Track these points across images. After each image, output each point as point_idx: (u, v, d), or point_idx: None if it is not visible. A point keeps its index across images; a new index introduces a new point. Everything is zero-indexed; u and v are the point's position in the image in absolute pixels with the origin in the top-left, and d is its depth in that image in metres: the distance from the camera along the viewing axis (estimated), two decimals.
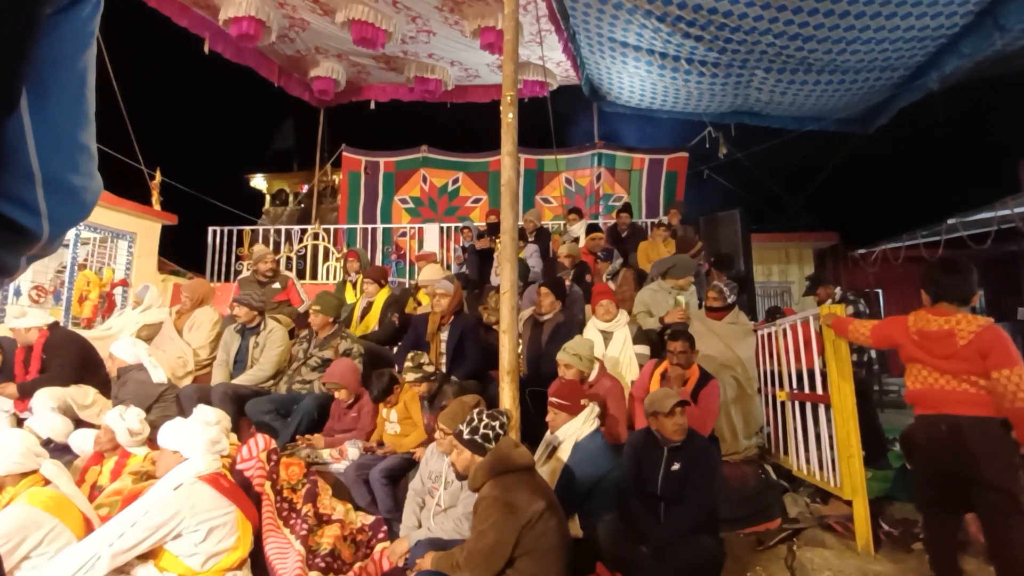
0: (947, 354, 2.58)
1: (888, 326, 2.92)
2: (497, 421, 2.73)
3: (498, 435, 2.69)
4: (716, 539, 3.09)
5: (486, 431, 2.68)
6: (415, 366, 3.85)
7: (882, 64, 6.40)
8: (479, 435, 2.68)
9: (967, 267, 2.67)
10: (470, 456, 2.68)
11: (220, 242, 8.68)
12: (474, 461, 2.65)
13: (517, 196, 3.76)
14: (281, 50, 8.82)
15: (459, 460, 2.73)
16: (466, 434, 2.70)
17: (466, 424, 2.74)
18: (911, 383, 2.75)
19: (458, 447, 2.74)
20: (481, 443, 2.66)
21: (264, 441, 3.30)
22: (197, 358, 4.85)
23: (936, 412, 2.62)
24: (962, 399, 2.54)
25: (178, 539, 2.63)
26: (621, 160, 10.17)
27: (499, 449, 2.61)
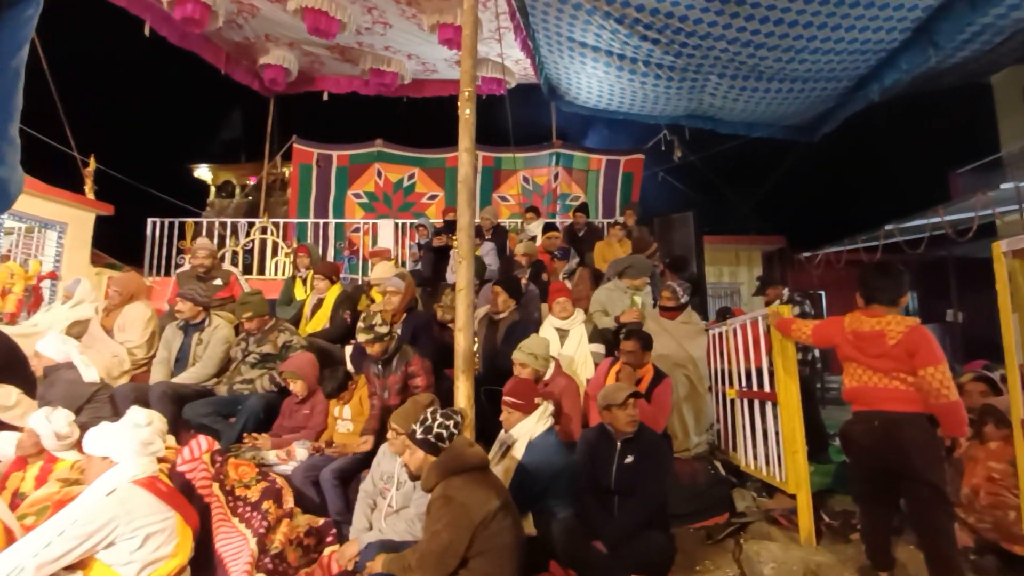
0: (878, 353, 2.70)
1: (826, 327, 3.05)
2: (451, 420, 2.69)
3: (452, 434, 2.65)
4: (667, 534, 3.15)
5: (440, 430, 2.64)
6: (367, 327, 3.78)
7: (827, 74, 6.66)
8: (432, 434, 2.63)
9: (898, 271, 2.80)
10: (423, 456, 2.64)
11: (160, 234, 8.25)
12: (427, 461, 2.61)
13: (474, 193, 3.71)
14: (229, 36, 8.47)
15: (412, 460, 2.68)
16: (419, 433, 2.65)
17: (419, 423, 2.69)
18: (848, 381, 2.88)
19: (411, 447, 2.68)
20: (435, 443, 2.62)
21: (207, 442, 3.16)
22: (134, 357, 4.58)
23: (870, 408, 2.75)
24: (893, 396, 2.66)
25: (111, 548, 2.47)
26: (579, 160, 10.26)
27: (453, 448, 2.57)
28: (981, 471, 3.08)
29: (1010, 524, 2.85)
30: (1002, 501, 2.94)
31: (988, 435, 3.17)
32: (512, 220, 9.02)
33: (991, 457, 3.09)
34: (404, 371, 3.84)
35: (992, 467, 3.05)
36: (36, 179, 6.16)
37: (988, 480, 3.04)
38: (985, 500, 3.00)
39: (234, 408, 4.11)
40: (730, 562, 3.25)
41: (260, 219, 8.86)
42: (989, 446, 3.15)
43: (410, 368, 3.84)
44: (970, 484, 3.10)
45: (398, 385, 3.82)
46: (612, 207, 9.99)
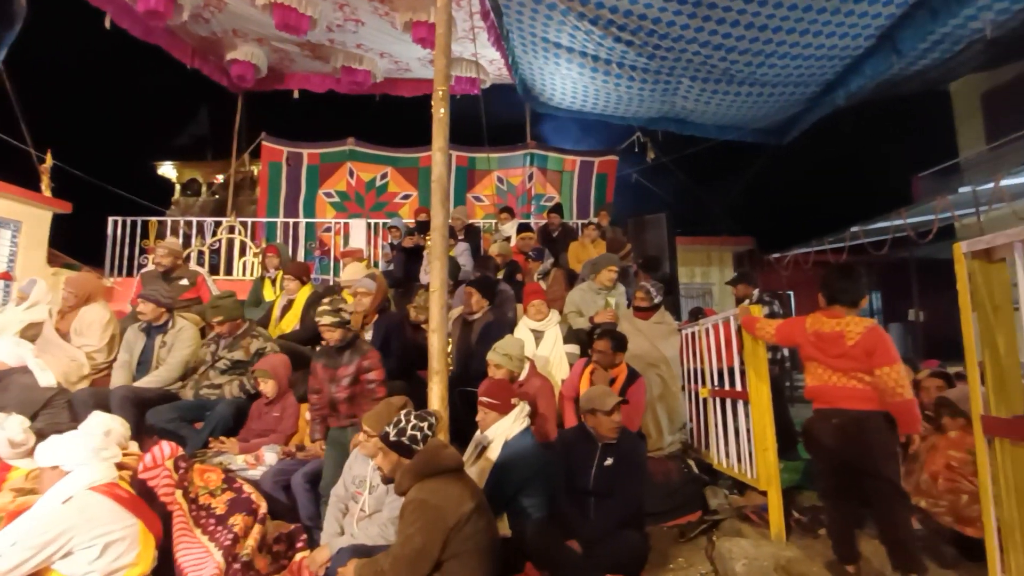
0: (838, 353, 2.81)
1: (789, 327, 3.15)
2: (425, 422, 2.66)
3: (426, 436, 2.61)
4: (641, 533, 3.18)
5: (414, 432, 2.60)
6: (333, 309, 3.58)
7: (796, 79, 6.82)
8: (406, 437, 2.59)
9: (858, 273, 2.92)
10: (397, 459, 2.59)
11: (122, 234, 7.98)
12: (401, 464, 2.56)
13: (448, 193, 3.68)
14: (195, 30, 8.24)
15: (385, 463, 2.63)
16: (392, 436, 2.61)
17: (392, 426, 2.64)
18: (809, 380, 2.99)
19: (384, 450, 2.63)
20: (408, 445, 2.58)
21: (170, 448, 3.07)
22: (93, 361, 4.41)
23: (830, 407, 2.85)
24: (851, 394, 2.77)
25: (68, 557, 2.39)
26: (553, 161, 10.28)
27: (427, 451, 2.53)
28: (941, 459, 3.22)
29: (962, 507, 2.98)
30: (958, 487, 3.07)
31: (946, 425, 3.34)
32: (487, 220, 8.99)
33: (951, 446, 3.24)
34: (358, 364, 3.59)
35: (951, 455, 3.20)
36: None
37: (947, 467, 3.17)
38: (943, 486, 3.13)
39: (200, 413, 4.00)
40: (703, 559, 3.28)
41: (227, 218, 8.65)
42: (949, 435, 3.29)
43: (365, 361, 3.60)
44: (930, 471, 3.23)
45: (348, 378, 3.58)
46: (586, 208, 10.04)
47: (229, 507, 2.97)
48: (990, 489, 2.11)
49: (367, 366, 3.60)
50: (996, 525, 2.09)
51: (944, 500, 3.09)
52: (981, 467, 2.16)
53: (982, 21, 5.38)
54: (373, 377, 3.60)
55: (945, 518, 3.05)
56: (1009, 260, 2.08)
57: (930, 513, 3.13)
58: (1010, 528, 2.02)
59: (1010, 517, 2.01)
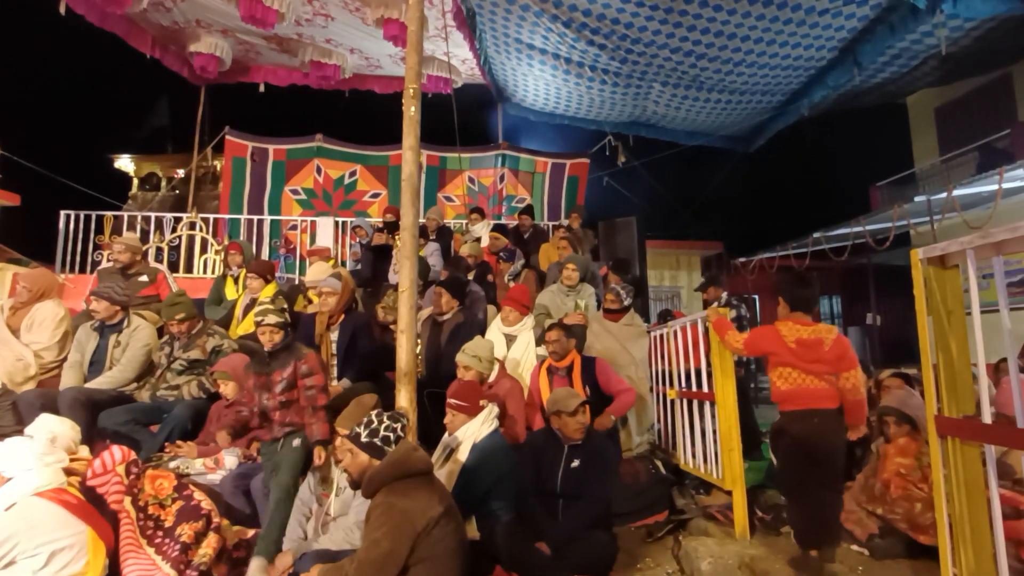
0: (815, 359, 3.06)
1: (759, 338, 3.28)
2: (398, 423, 2.57)
3: (398, 437, 2.53)
4: (609, 534, 3.20)
5: (386, 433, 2.51)
6: (277, 309, 3.32)
7: (763, 87, 6.99)
8: (378, 438, 2.50)
9: (816, 281, 3.21)
10: (367, 460, 2.48)
11: (75, 228, 7.66)
12: (371, 465, 2.46)
13: (418, 192, 3.64)
14: (155, 19, 7.95)
15: (354, 464, 2.51)
16: (364, 436, 2.50)
17: (363, 426, 2.53)
18: (781, 384, 3.14)
19: (353, 450, 2.51)
20: (380, 446, 2.48)
21: (121, 453, 2.92)
22: (41, 360, 4.20)
23: (808, 407, 3.05)
24: (824, 395, 3.05)
25: (11, 567, 2.29)
26: (524, 162, 10.29)
27: (396, 453, 2.45)
28: (891, 466, 3.30)
29: (917, 515, 3.07)
30: (910, 494, 3.16)
31: (893, 434, 3.43)
32: (457, 221, 8.93)
33: (899, 453, 3.32)
34: (294, 367, 3.30)
35: (900, 463, 3.28)
36: None
37: (897, 475, 3.25)
38: (895, 493, 3.21)
39: (157, 416, 3.85)
40: (670, 559, 3.31)
41: (188, 214, 8.37)
42: (897, 442, 3.38)
43: (303, 365, 3.30)
44: (882, 479, 3.31)
45: (283, 383, 3.29)
46: (557, 210, 10.07)
47: (177, 517, 2.85)
48: (943, 487, 2.19)
49: (305, 370, 3.30)
50: (948, 521, 2.17)
51: (899, 508, 3.17)
52: (935, 465, 2.23)
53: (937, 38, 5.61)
54: (312, 383, 3.28)
55: (901, 525, 3.13)
56: (962, 267, 2.16)
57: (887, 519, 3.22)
58: (960, 523, 2.09)
59: (960, 513, 2.09)
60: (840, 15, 5.49)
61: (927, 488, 3.04)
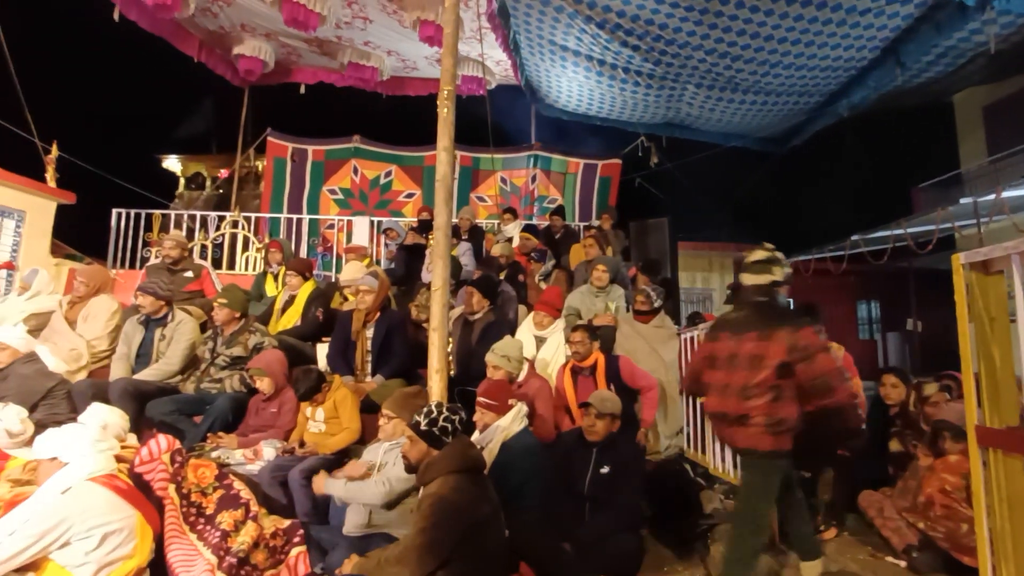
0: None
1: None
2: (456, 416, 2.65)
3: (456, 429, 2.61)
4: (637, 537, 3.20)
5: (445, 424, 2.58)
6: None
7: (800, 89, 6.84)
8: (438, 428, 2.57)
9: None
10: (426, 448, 2.57)
11: (125, 226, 7.99)
12: (429, 454, 2.55)
13: (452, 192, 3.70)
14: (203, 24, 8.25)
15: (413, 451, 2.60)
16: (424, 425, 2.59)
17: (423, 415, 2.62)
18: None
19: (413, 438, 2.61)
20: (439, 436, 2.56)
21: (167, 442, 3.05)
22: (93, 351, 4.43)
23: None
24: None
25: (66, 548, 2.40)
26: (557, 163, 10.30)
27: (454, 447, 2.53)
28: (936, 482, 3.20)
29: (961, 536, 2.97)
30: (955, 513, 3.07)
31: (947, 449, 3.29)
32: (489, 221, 9.01)
33: (948, 470, 3.21)
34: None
35: (946, 479, 3.17)
36: None
37: (941, 492, 3.15)
38: (939, 511, 3.12)
39: (200, 407, 4.01)
40: (697, 563, 3.30)
41: (231, 213, 8.64)
42: (948, 459, 3.25)
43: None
44: (926, 493, 3.22)
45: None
46: (588, 211, 10.05)
47: (218, 505, 2.98)
48: (983, 499, 2.13)
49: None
50: (988, 536, 2.11)
51: (941, 526, 3.08)
52: (975, 477, 2.18)
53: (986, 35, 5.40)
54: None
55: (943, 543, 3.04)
56: (1007, 272, 2.10)
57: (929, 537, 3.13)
58: (1002, 539, 2.04)
59: (1002, 527, 2.04)
60: (883, 14, 5.32)
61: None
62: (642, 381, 4.07)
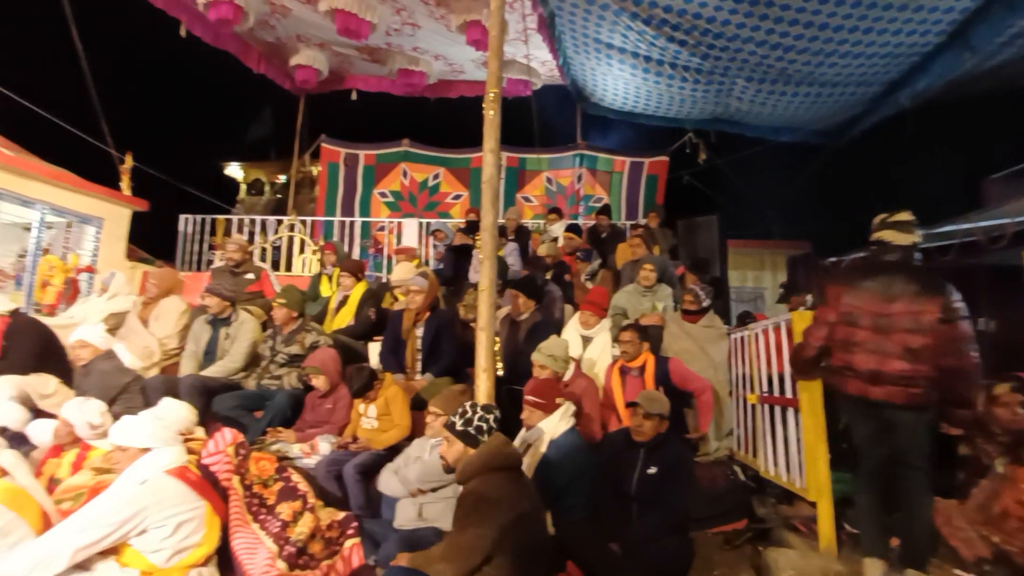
0: None
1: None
2: (491, 415, 2.69)
3: (491, 428, 2.64)
4: (685, 539, 3.15)
5: (480, 423, 2.63)
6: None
7: (858, 79, 6.56)
8: (473, 427, 2.62)
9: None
10: (462, 448, 2.62)
11: (192, 230, 8.48)
12: (466, 453, 2.60)
13: (498, 193, 3.74)
14: (261, 36, 8.64)
15: (450, 452, 2.66)
16: (459, 425, 2.64)
17: (459, 416, 2.67)
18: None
19: (450, 438, 2.67)
20: (475, 435, 2.61)
21: (231, 435, 3.20)
22: (164, 348, 4.73)
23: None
24: None
25: (143, 535, 2.56)
26: (603, 162, 10.23)
27: (492, 444, 2.57)
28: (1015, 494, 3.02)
29: None
30: None
31: None
32: (535, 221, 9.04)
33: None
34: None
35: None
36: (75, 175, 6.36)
37: (1020, 504, 2.97)
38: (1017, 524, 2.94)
39: (261, 402, 4.21)
40: (748, 568, 3.23)
41: (288, 217, 9.00)
42: None
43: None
44: (1001, 505, 3.04)
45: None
46: (635, 210, 9.93)
47: (278, 496, 3.11)
48: None
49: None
50: None
51: (1019, 540, 2.89)
52: None
53: None
54: None
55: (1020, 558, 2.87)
56: None
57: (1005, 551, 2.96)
58: None
59: None
60: None
61: None
62: (694, 384, 4.01)
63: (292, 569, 2.86)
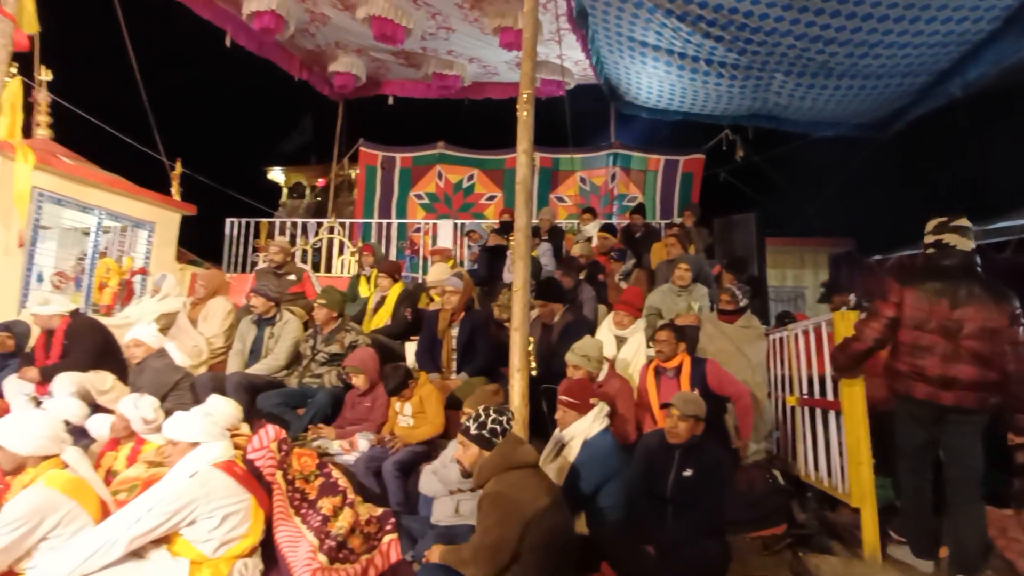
0: None
1: None
2: (504, 416, 2.70)
3: (505, 430, 2.66)
4: (722, 542, 3.10)
5: (493, 426, 2.64)
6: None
7: (904, 69, 6.31)
8: (487, 430, 2.63)
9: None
10: (477, 452, 2.64)
11: (237, 233, 8.80)
12: (481, 456, 2.62)
13: (532, 194, 3.76)
14: (302, 44, 8.90)
15: (466, 456, 2.68)
16: (473, 429, 2.65)
17: (473, 420, 2.69)
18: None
19: (465, 443, 2.68)
20: (489, 438, 2.62)
21: (275, 431, 3.30)
22: (211, 347, 4.92)
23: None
24: None
25: (193, 525, 2.68)
26: (637, 161, 10.14)
27: (504, 445, 2.59)
28: None
29: None
30: None
31: None
32: (569, 221, 9.03)
33: None
34: None
35: None
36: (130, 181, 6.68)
37: None
38: None
39: (303, 400, 4.34)
40: (787, 574, 3.17)
41: (328, 219, 9.22)
42: None
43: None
44: None
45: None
46: (670, 208, 9.81)
47: (319, 492, 3.19)
48: None
49: None
50: None
51: None
52: None
53: None
54: None
55: None
56: None
57: None
58: None
59: None
60: None
61: None
62: (731, 389, 3.92)
63: (332, 563, 2.93)
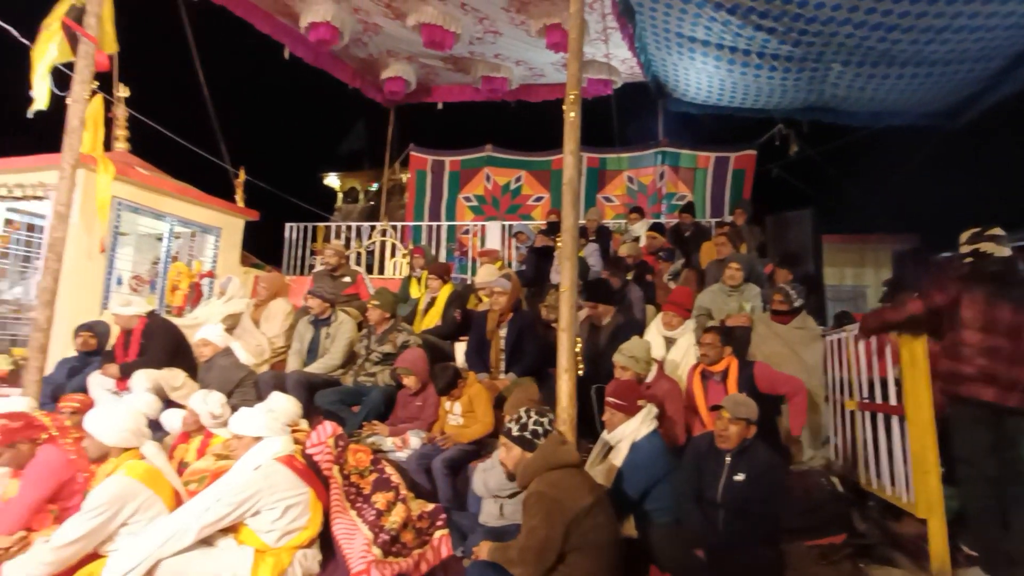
0: None
1: None
2: (546, 417, 2.72)
3: (547, 431, 2.67)
4: (775, 549, 3.03)
5: (535, 427, 2.66)
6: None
7: (976, 54, 5.94)
8: (528, 431, 2.66)
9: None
10: (520, 453, 2.66)
11: (296, 237, 9.20)
12: (523, 458, 2.64)
13: (579, 195, 3.74)
14: (355, 53, 9.19)
15: (508, 458, 2.70)
16: (515, 431, 2.68)
17: (514, 422, 2.71)
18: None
19: (507, 444, 2.70)
20: (531, 439, 2.64)
21: (331, 427, 3.42)
22: (273, 346, 5.16)
23: None
24: None
25: (257, 516, 2.82)
26: (685, 158, 9.93)
27: (546, 446, 2.61)
28: None
29: None
30: None
31: None
32: (617, 221, 8.95)
33: None
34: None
35: None
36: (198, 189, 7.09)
37: None
38: None
39: (358, 398, 4.49)
40: None
41: (381, 222, 9.49)
42: None
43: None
44: None
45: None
46: (721, 206, 9.54)
47: (373, 487, 3.31)
48: None
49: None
50: None
51: None
52: None
53: None
54: None
55: None
56: None
57: None
58: None
59: None
60: None
61: None
62: (784, 387, 3.82)
63: (386, 556, 3.04)
